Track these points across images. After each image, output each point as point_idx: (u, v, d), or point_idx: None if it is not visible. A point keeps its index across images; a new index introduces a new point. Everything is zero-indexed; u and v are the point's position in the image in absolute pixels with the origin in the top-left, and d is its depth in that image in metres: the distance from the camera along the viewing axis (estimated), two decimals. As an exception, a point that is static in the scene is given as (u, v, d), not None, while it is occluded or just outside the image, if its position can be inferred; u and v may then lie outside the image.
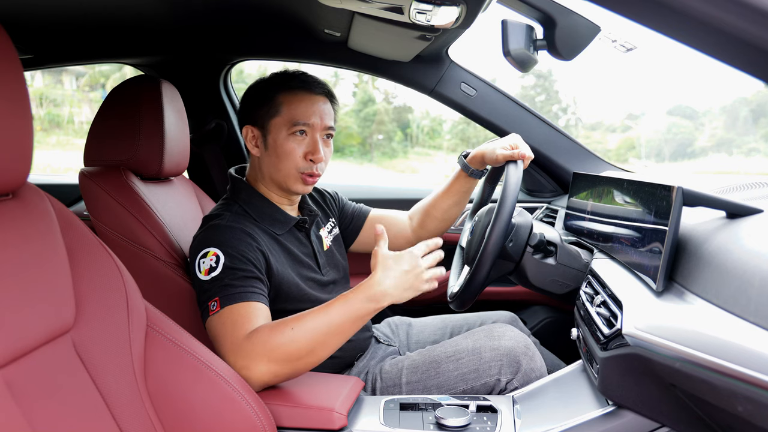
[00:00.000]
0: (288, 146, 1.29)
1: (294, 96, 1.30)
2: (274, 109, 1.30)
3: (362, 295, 1.09)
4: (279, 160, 1.30)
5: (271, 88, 1.32)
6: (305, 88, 1.32)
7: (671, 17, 0.66)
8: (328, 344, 1.08)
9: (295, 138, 1.30)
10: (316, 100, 1.32)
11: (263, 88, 1.34)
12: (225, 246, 1.19)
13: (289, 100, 1.30)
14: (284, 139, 1.29)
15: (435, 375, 1.28)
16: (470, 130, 14.68)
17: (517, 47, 1.31)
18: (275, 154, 1.31)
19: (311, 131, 1.31)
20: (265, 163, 1.34)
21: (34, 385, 0.75)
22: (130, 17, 1.61)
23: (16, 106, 0.76)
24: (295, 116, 1.29)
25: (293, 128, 1.29)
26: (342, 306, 1.08)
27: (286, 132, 1.29)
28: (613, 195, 1.17)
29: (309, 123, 1.30)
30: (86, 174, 1.41)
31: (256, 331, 1.07)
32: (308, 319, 1.08)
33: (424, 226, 1.61)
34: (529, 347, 1.28)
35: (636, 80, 18.77)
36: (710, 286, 0.75)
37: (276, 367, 1.05)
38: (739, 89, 15.13)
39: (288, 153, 1.29)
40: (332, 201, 1.59)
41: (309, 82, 1.33)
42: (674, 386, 0.80)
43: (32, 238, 0.80)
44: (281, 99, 1.30)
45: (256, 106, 1.33)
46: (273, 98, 1.31)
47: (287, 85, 1.32)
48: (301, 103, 1.30)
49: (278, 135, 1.30)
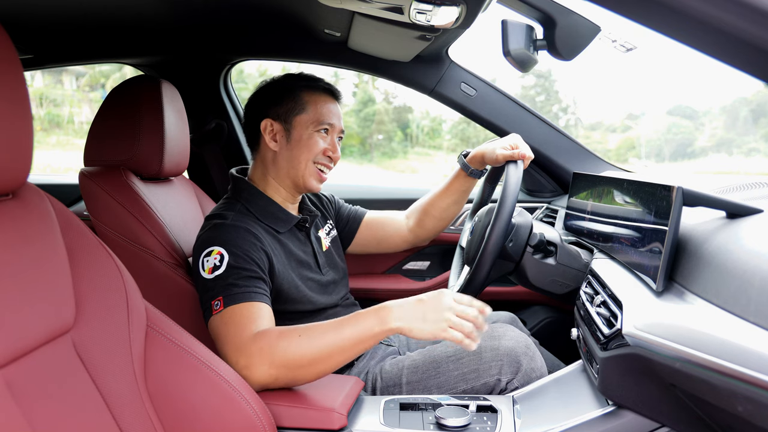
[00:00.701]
0: (312, 140, 1.36)
1: (319, 97, 1.38)
2: (300, 106, 1.37)
3: (373, 314, 1.08)
4: (301, 152, 1.36)
5: (296, 87, 1.38)
6: (328, 91, 1.41)
7: (671, 17, 0.66)
8: (331, 359, 1.06)
9: (320, 135, 1.37)
10: (336, 104, 1.42)
11: (287, 86, 1.39)
12: (229, 245, 1.20)
13: (315, 100, 1.38)
14: (310, 134, 1.36)
15: (435, 375, 1.28)
16: (470, 130, 14.68)
17: (517, 47, 1.31)
18: (298, 147, 1.36)
19: (332, 131, 1.39)
20: (282, 157, 1.37)
21: (34, 385, 0.75)
22: (130, 17, 1.61)
23: (16, 106, 0.76)
24: (322, 116, 1.37)
25: (320, 126, 1.36)
26: (352, 322, 1.08)
27: (312, 129, 1.36)
28: (613, 195, 1.17)
29: (332, 123, 1.38)
30: (86, 174, 1.41)
31: (263, 334, 1.08)
32: (317, 331, 1.07)
33: (421, 225, 1.61)
34: (530, 347, 1.28)
35: (636, 80, 18.79)
36: (710, 286, 0.75)
37: (277, 372, 1.05)
38: (739, 89, 15.15)
39: (311, 147, 1.36)
40: (329, 203, 1.61)
41: (331, 87, 1.42)
42: (674, 386, 0.80)
43: (32, 238, 0.80)
44: (307, 98, 1.37)
45: (278, 101, 1.38)
46: (298, 96, 1.37)
47: (312, 86, 1.39)
48: (326, 104, 1.39)
49: (304, 131, 1.36)
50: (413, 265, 2.04)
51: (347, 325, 1.07)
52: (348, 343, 1.06)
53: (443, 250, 2.00)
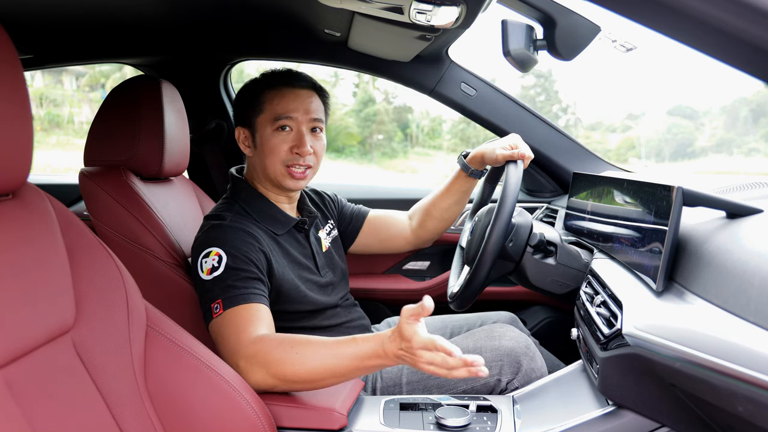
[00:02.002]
0: (273, 142, 1.30)
1: (276, 92, 1.32)
2: (259, 107, 1.32)
3: (373, 344, 1.00)
4: (266, 156, 1.31)
5: (257, 88, 1.35)
6: (287, 83, 1.33)
7: (671, 17, 0.66)
8: (324, 380, 1.03)
9: (280, 134, 1.31)
10: (299, 93, 1.33)
11: (250, 89, 1.36)
12: (227, 246, 1.20)
13: (272, 97, 1.32)
14: (269, 135, 1.31)
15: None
16: (470, 130, 14.68)
17: (517, 47, 1.31)
18: (262, 151, 1.32)
19: (296, 125, 1.31)
20: (256, 162, 1.36)
21: (34, 385, 0.75)
22: (130, 17, 1.61)
23: (16, 106, 0.76)
24: (277, 111, 1.30)
25: (276, 123, 1.30)
26: (350, 345, 1.02)
27: (270, 128, 1.31)
28: (613, 195, 1.17)
29: (291, 116, 1.31)
30: (86, 174, 1.41)
31: (262, 339, 1.07)
32: (314, 348, 1.03)
33: (423, 226, 1.61)
34: (530, 347, 1.28)
35: (636, 80, 18.79)
36: (710, 286, 0.75)
37: (272, 381, 1.04)
38: (739, 89, 15.15)
39: (273, 148, 1.30)
40: (331, 203, 1.60)
41: (290, 76, 1.34)
42: (674, 386, 0.80)
43: (32, 238, 0.80)
44: (265, 96, 1.32)
45: (245, 106, 1.36)
46: (258, 97, 1.33)
47: (270, 82, 1.34)
48: (283, 98, 1.31)
49: (264, 132, 1.31)
50: (413, 265, 2.04)
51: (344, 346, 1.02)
52: (344, 365, 1.01)
53: (443, 250, 2.00)
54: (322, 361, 1.02)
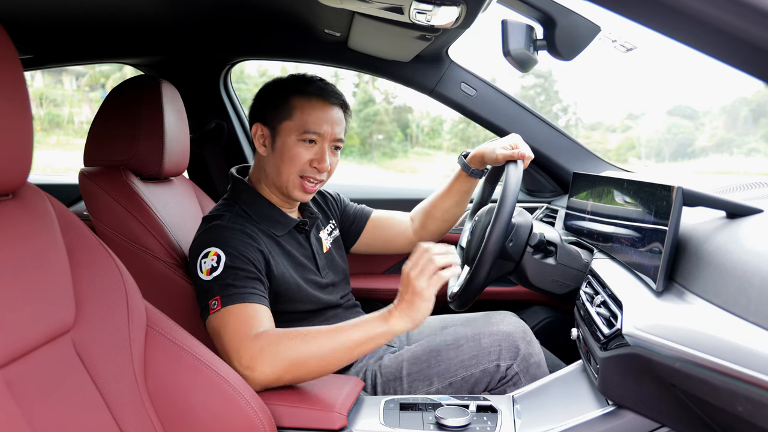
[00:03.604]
0: (294, 151, 1.28)
1: (308, 102, 1.29)
2: (287, 112, 1.29)
3: (374, 314, 1.10)
4: (282, 163, 1.29)
5: (287, 90, 1.31)
6: (321, 95, 1.30)
7: (671, 17, 0.66)
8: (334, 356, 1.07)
9: (304, 145, 1.29)
10: (330, 109, 1.31)
11: (278, 89, 1.33)
12: (226, 246, 1.20)
13: (303, 106, 1.29)
14: (293, 143, 1.29)
15: (435, 363, 1.28)
16: (470, 130, 14.67)
17: (517, 47, 1.31)
18: (280, 156, 1.30)
19: (321, 141, 1.30)
20: (269, 164, 1.33)
21: (34, 385, 0.75)
22: (130, 17, 1.61)
23: (16, 106, 0.76)
24: (307, 123, 1.28)
25: (303, 135, 1.28)
26: (353, 321, 1.09)
27: (295, 137, 1.28)
28: (613, 195, 1.17)
29: (320, 132, 1.29)
30: (86, 174, 1.41)
31: (265, 334, 1.08)
32: (318, 331, 1.08)
33: (425, 227, 1.61)
34: (527, 332, 1.29)
35: (636, 80, 18.78)
36: (710, 286, 0.75)
37: (280, 371, 1.05)
38: (739, 89, 15.14)
39: (293, 157, 1.29)
40: (333, 202, 1.59)
41: (325, 90, 1.31)
42: (674, 386, 0.80)
43: (32, 238, 0.80)
44: (295, 103, 1.29)
45: (268, 105, 1.32)
46: (287, 100, 1.30)
47: (303, 89, 1.30)
48: (315, 110, 1.29)
49: (287, 138, 1.29)
50: (413, 265, 2.03)
51: (351, 325, 1.08)
52: (352, 343, 1.07)
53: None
54: (329, 339, 1.06)
